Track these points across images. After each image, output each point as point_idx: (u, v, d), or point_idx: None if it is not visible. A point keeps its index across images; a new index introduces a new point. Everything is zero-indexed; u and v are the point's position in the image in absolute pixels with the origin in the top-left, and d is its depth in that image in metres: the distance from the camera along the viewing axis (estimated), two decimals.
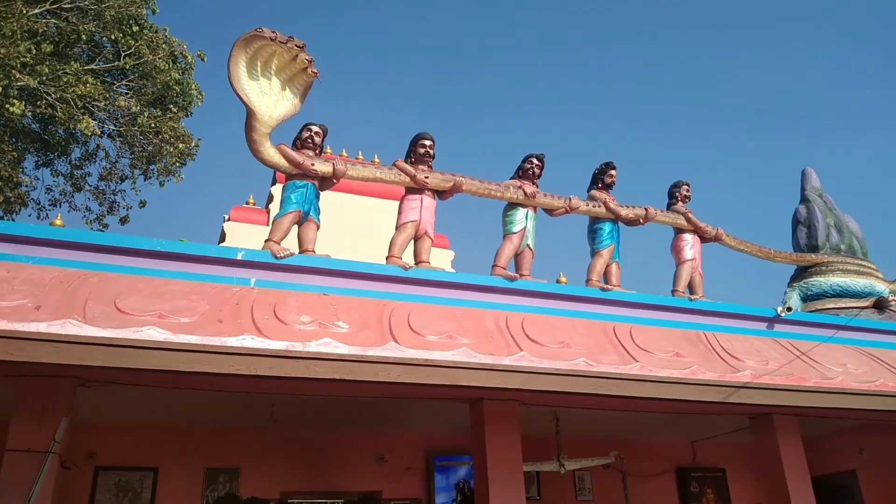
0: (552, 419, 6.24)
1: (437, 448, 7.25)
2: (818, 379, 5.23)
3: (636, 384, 4.62)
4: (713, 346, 5.38)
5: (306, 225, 5.17)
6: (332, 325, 4.16)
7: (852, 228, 7.94)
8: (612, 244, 6.23)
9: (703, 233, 6.66)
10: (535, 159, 6.10)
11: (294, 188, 5.18)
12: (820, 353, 5.67)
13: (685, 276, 6.40)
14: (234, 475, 6.58)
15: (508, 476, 4.96)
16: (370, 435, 7.05)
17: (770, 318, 6.22)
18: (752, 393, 4.90)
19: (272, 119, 5.00)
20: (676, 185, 6.76)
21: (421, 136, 5.69)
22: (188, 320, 3.89)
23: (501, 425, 5.08)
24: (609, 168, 6.41)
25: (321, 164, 5.27)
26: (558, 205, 6.09)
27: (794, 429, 5.99)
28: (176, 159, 12.68)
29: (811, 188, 8.32)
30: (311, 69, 5.13)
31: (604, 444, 7.48)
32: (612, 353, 4.88)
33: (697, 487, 8.17)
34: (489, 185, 5.84)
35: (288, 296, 4.44)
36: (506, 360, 4.38)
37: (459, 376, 4.19)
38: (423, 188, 5.57)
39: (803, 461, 5.90)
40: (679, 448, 8.30)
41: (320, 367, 3.88)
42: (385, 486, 6.97)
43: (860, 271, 7.45)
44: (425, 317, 4.59)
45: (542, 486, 7.52)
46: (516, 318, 5.05)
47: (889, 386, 5.45)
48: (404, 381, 4.09)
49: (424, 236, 5.52)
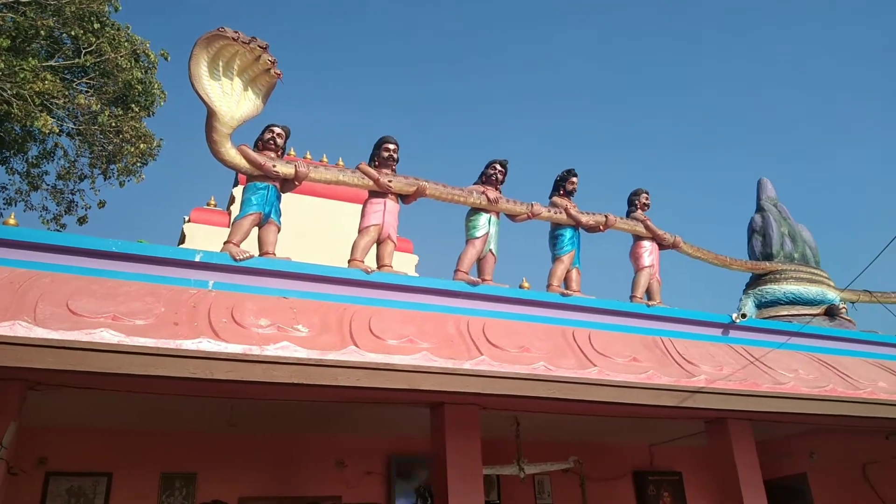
0: (512, 423, 6.28)
1: (397, 452, 7.23)
2: (771, 384, 5.35)
3: (594, 388, 4.67)
4: (669, 351, 5.47)
5: (267, 227, 5.12)
6: (292, 328, 4.13)
7: (805, 238, 8.16)
8: (572, 250, 6.31)
9: (662, 240, 6.78)
10: (499, 165, 6.15)
11: (255, 190, 5.13)
12: (773, 359, 5.80)
13: (643, 282, 6.51)
14: (191, 480, 6.47)
15: (468, 480, 4.97)
16: (330, 439, 7.00)
17: (725, 324, 6.36)
18: (707, 397, 4.99)
19: (233, 119, 4.95)
20: (636, 193, 6.88)
21: (385, 139, 5.69)
22: (143, 322, 3.83)
23: (462, 429, 5.09)
24: (570, 175, 6.50)
25: (283, 165, 5.24)
26: (521, 210, 6.14)
27: (748, 433, 6.11)
28: (137, 159, 12.47)
29: (766, 198, 8.53)
30: (275, 70, 5.09)
31: (563, 449, 7.54)
32: (571, 358, 4.93)
33: (654, 491, 8.29)
34: (452, 189, 5.87)
35: (246, 299, 4.39)
36: (466, 364, 4.39)
37: (419, 380, 4.19)
38: (386, 192, 5.57)
39: (756, 464, 6.02)
40: (637, 452, 8.41)
41: (278, 372, 3.84)
42: (345, 490, 6.93)
43: (812, 279, 7.65)
44: (386, 321, 4.58)
45: (502, 490, 7.55)
46: (478, 323, 5.07)
47: (838, 391, 5.60)
48: (364, 386, 4.07)
49: (387, 240, 5.51)
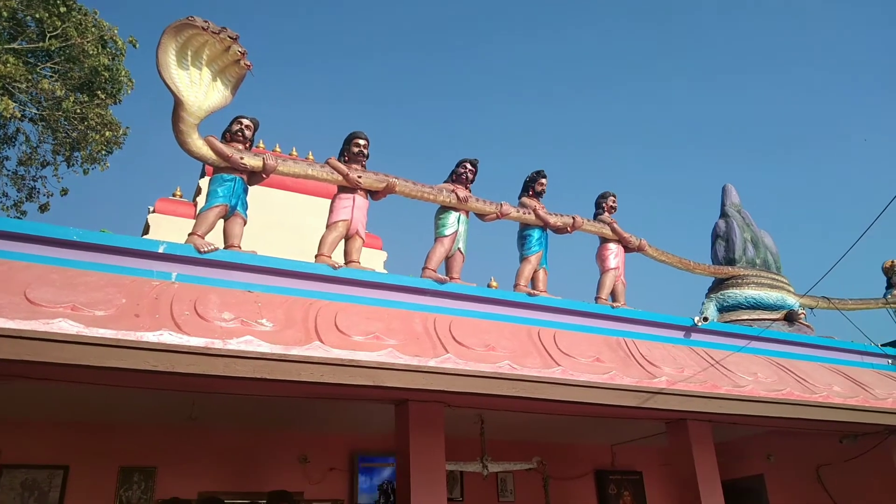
0: (477, 421, 6.31)
1: (361, 449, 7.22)
2: (730, 387, 5.45)
3: (557, 388, 4.70)
4: (632, 352, 5.54)
5: (232, 220, 5.06)
6: (255, 322, 4.08)
7: (767, 244, 8.32)
8: (540, 251, 6.35)
9: (627, 243, 6.86)
10: (469, 164, 6.16)
11: (221, 181, 5.07)
12: (733, 362, 5.91)
13: (608, 284, 6.58)
14: (151, 474, 6.38)
15: (431, 477, 4.98)
16: (293, 435, 6.96)
17: (687, 327, 6.46)
18: (668, 398, 5.06)
19: (201, 110, 4.88)
20: (603, 196, 6.96)
21: (355, 134, 5.66)
22: (103, 313, 3.75)
23: (426, 427, 5.09)
24: (540, 177, 6.55)
25: (251, 157, 5.18)
26: (490, 210, 6.16)
27: (707, 434, 6.22)
28: (102, 147, 12.23)
29: (730, 203, 8.68)
30: (244, 61, 5.03)
31: (527, 448, 7.61)
32: (536, 357, 4.96)
33: (615, 490, 8.40)
34: (422, 187, 5.86)
35: (210, 291, 4.33)
36: (431, 361, 4.39)
37: (384, 377, 4.18)
38: (355, 187, 5.54)
39: (715, 465, 6.14)
40: (599, 451, 8.51)
41: (241, 366, 3.80)
42: (307, 486, 6.89)
43: (773, 285, 7.81)
44: (352, 317, 4.56)
45: (465, 488, 7.58)
46: (444, 321, 5.07)
47: (795, 395, 5.73)
48: (328, 382, 4.04)
49: (355, 236, 5.49)
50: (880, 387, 6.49)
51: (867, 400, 6.09)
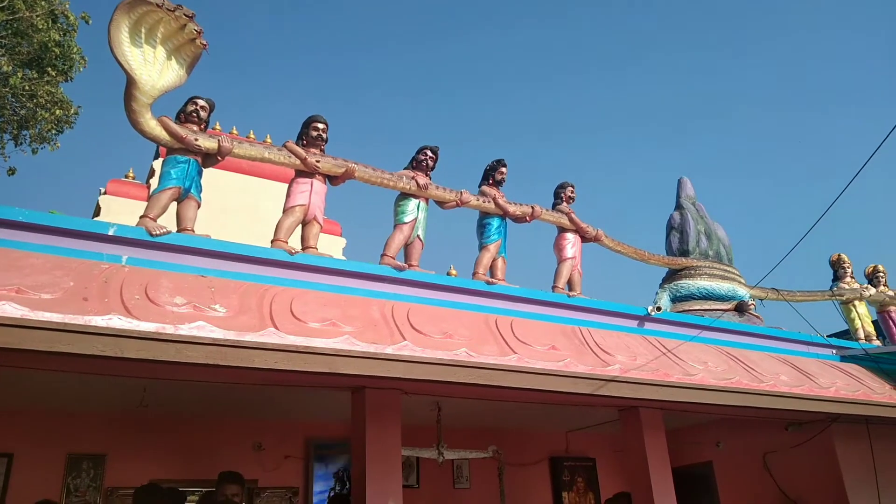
0: (434, 409, 6.32)
1: (317, 437, 7.18)
2: (681, 375, 5.56)
3: (513, 375, 4.74)
4: (587, 340, 5.61)
5: (186, 202, 4.95)
6: (208, 308, 4.00)
7: (720, 236, 8.50)
8: (499, 239, 6.37)
9: (585, 233, 6.94)
10: (430, 151, 6.13)
11: (175, 163, 4.95)
12: (684, 351, 6.03)
13: (565, 273, 6.65)
14: (100, 462, 6.24)
15: (387, 464, 4.98)
16: (248, 422, 6.88)
17: (641, 316, 6.57)
18: (620, 386, 5.14)
19: (154, 89, 4.75)
20: (562, 186, 7.01)
21: (314, 118, 5.58)
22: (49, 297, 3.64)
23: (382, 414, 5.08)
24: (500, 165, 6.56)
25: (205, 139, 5.07)
26: (449, 198, 6.16)
27: (659, 421, 6.35)
28: (52, 126, 11.85)
29: (685, 196, 8.83)
30: (200, 40, 4.91)
31: (484, 435, 7.66)
32: (493, 345, 4.98)
33: (569, 476, 8.53)
34: (382, 173, 5.82)
35: (162, 276, 4.24)
36: (388, 348, 4.38)
37: (340, 364, 4.15)
38: (313, 172, 5.47)
39: (665, 452, 6.27)
40: (554, 438, 8.62)
41: (192, 352, 3.72)
42: (262, 474, 6.83)
43: (725, 276, 7.98)
44: (308, 303, 4.51)
45: (420, 475, 7.60)
46: (402, 308, 5.06)
47: (744, 384, 5.87)
48: (283, 368, 3.99)
49: (313, 221, 5.42)
50: (824, 376, 6.71)
51: (812, 389, 6.28)
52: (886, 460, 7.20)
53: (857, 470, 7.07)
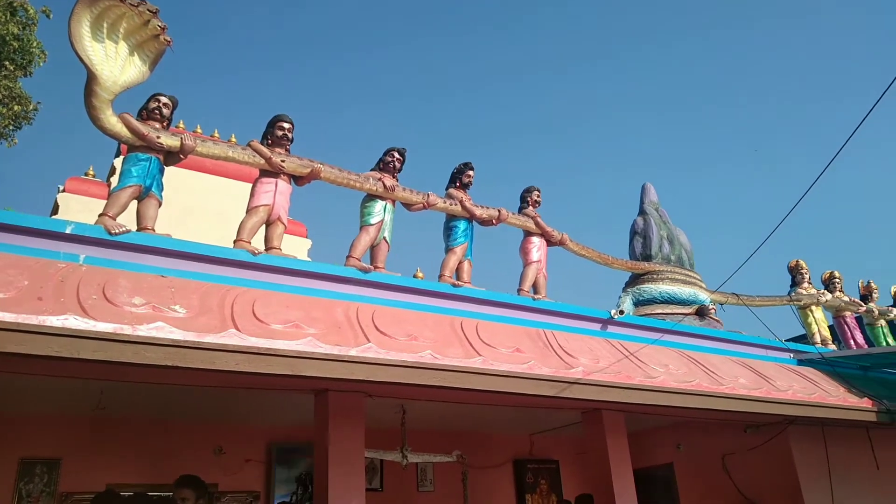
0: (399, 411, 6.30)
1: (279, 440, 7.10)
2: (643, 378, 5.63)
3: (477, 377, 4.74)
4: (551, 343, 5.64)
5: (147, 201, 4.85)
6: (168, 308, 3.93)
7: (682, 241, 8.63)
8: (465, 242, 6.38)
9: (550, 237, 6.99)
10: (397, 153, 6.12)
11: (136, 161, 4.85)
12: (646, 354, 6.11)
13: (531, 276, 6.69)
14: (55, 466, 6.08)
15: (350, 468, 4.94)
16: (208, 426, 6.77)
17: (604, 319, 6.64)
18: (583, 388, 5.18)
19: (116, 85, 4.65)
20: (528, 191, 7.06)
21: (279, 117, 5.53)
22: (3, 296, 3.53)
23: (346, 417, 5.05)
24: (467, 168, 6.58)
25: (168, 137, 4.98)
26: (416, 200, 6.15)
27: (621, 424, 6.42)
28: (9, 122, 11.52)
29: (649, 202, 8.95)
30: (164, 37, 4.83)
31: (448, 437, 7.66)
32: (458, 347, 4.98)
33: (532, 478, 8.57)
34: (348, 174, 5.79)
35: (120, 275, 4.14)
36: (352, 351, 4.34)
37: (302, 366, 4.10)
38: (278, 172, 5.41)
39: (627, 454, 6.34)
40: (518, 441, 8.66)
41: (151, 353, 3.65)
42: (222, 478, 6.72)
43: (686, 281, 8.11)
44: (271, 305, 4.46)
45: (384, 478, 7.57)
46: (367, 310, 5.03)
47: (704, 386, 5.97)
48: (244, 371, 3.93)
49: (277, 222, 5.37)
50: (782, 379, 6.85)
51: (770, 392, 6.41)
52: (840, 461, 7.39)
53: (812, 471, 7.24)
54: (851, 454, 7.56)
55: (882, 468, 7.69)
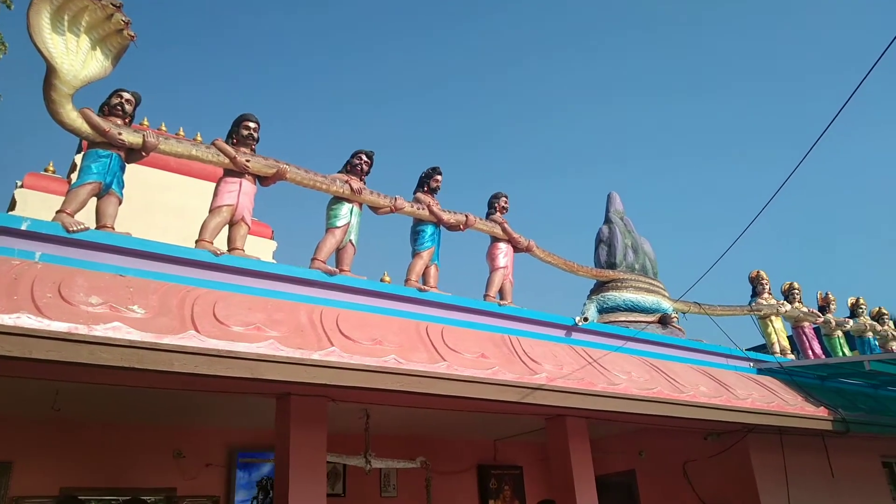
0: (363, 416, 6.25)
1: (240, 444, 6.99)
2: (605, 384, 5.67)
3: (441, 382, 4.73)
4: (516, 349, 5.65)
5: (106, 198, 4.75)
6: (126, 308, 3.84)
7: (646, 250, 8.74)
8: (432, 246, 6.37)
9: (517, 243, 7.01)
10: (365, 155, 6.09)
11: (96, 157, 4.74)
12: (609, 361, 6.15)
13: (497, 282, 6.70)
14: (6, 470, 5.91)
15: (311, 473, 4.89)
16: (168, 429, 6.65)
17: (569, 326, 6.67)
18: (547, 394, 5.20)
19: (76, 79, 4.55)
20: (496, 197, 7.08)
21: (245, 116, 5.46)
22: None
23: (308, 422, 4.99)
24: (435, 173, 6.57)
25: (130, 134, 4.88)
26: (384, 203, 6.12)
27: (584, 430, 6.46)
28: None
29: (614, 210, 9.05)
30: (128, 32, 4.74)
31: (412, 443, 7.63)
32: (423, 352, 4.96)
33: (496, 484, 8.57)
34: (315, 176, 5.73)
35: (77, 274, 4.04)
36: (315, 354, 4.30)
37: (264, 370, 4.05)
38: (243, 171, 5.34)
39: (589, 460, 6.38)
40: (482, 447, 8.66)
41: (107, 354, 3.56)
42: (181, 482, 6.61)
43: (650, 289, 8.20)
44: (233, 306, 4.39)
45: (347, 483, 7.51)
46: (331, 313, 4.99)
47: (665, 394, 6.03)
48: (203, 373, 3.86)
49: (241, 222, 5.29)
50: (742, 388, 6.96)
51: (730, 400, 6.51)
52: (797, 469, 7.52)
53: (770, 478, 7.36)
54: (808, 462, 7.71)
55: (837, 476, 7.85)
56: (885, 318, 11.08)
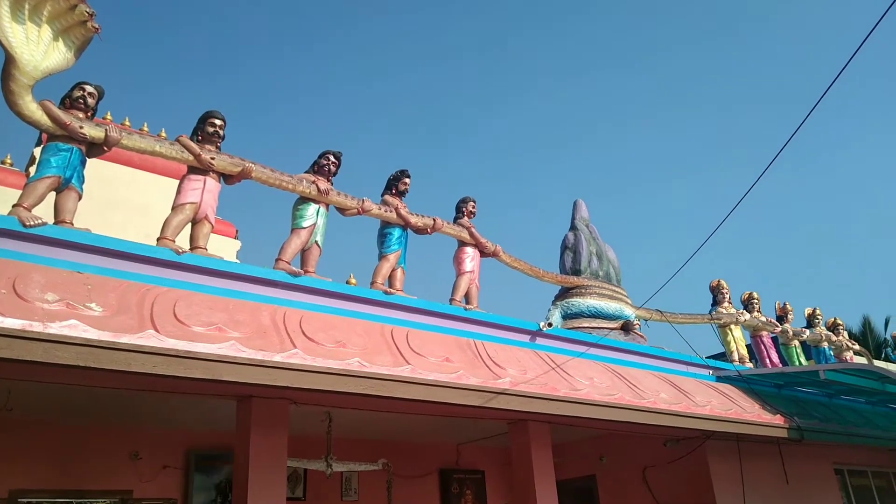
0: (325, 419, 6.19)
1: (199, 446, 6.87)
2: (568, 390, 5.71)
3: (405, 386, 4.71)
4: (480, 353, 5.66)
5: (66, 193, 4.64)
6: (83, 306, 3.75)
7: (610, 257, 8.84)
8: (399, 249, 6.35)
9: (483, 248, 7.03)
10: (332, 156, 6.05)
11: (56, 150, 4.63)
12: (572, 367, 6.20)
13: (463, 286, 6.71)
14: None
15: (271, 476, 4.83)
16: (125, 430, 6.50)
17: (533, 331, 6.72)
18: (510, 399, 5.22)
19: (37, 70, 4.44)
20: (464, 201, 7.09)
21: (211, 113, 5.38)
22: None
23: (269, 424, 4.93)
24: (404, 176, 6.56)
25: (92, 127, 4.78)
26: (351, 205, 6.08)
27: (546, 435, 6.49)
28: None
29: (580, 218, 9.13)
30: (92, 23, 4.64)
31: (375, 446, 7.59)
32: (387, 355, 4.94)
33: (458, 488, 8.57)
34: (281, 175, 5.68)
35: (33, 270, 3.93)
36: (277, 356, 4.25)
37: (224, 371, 3.99)
38: (207, 169, 5.26)
39: (551, 465, 6.42)
40: (444, 450, 8.65)
41: (63, 352, 3.47)
42: (137, 485, 6.47)
43: (613, 296, 8.30)
44: (193, 306, 4.31)
45: (307, 486, 7.43)
46: (295, 315, 4.94)
47: (626, 400, 6.10)
48: (162, 374, 3.78)
49: (204, 220, 5.21)
50: (701, 395, 7.07)
51: (689, 407, 6.61)
52: (753, 475, 7.67)
53: (727, 484, 7.49)
54: (764, 468, 7.87)
55: (791, 482, 8.03)
56: (839, 329, 11.39)
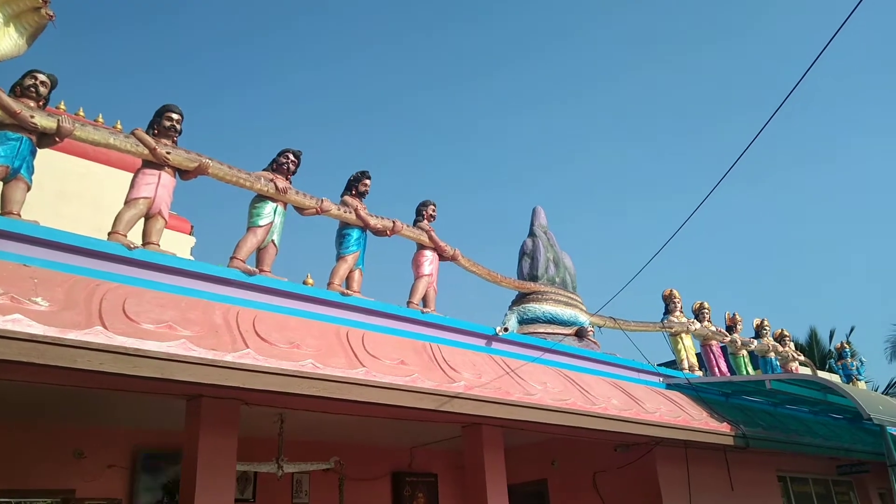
0: (277, 420, 6.13)
1: (146, 446, 6.72)
2: (522, 394, 5.76)
3: (358, 388, 4.69)
4: (436, 356, 5.68)
5: (14, 183, 4.50)
6: (28, 300, 3.65)
7: (567, 264, 8.95)
8: (357, 251, 6.33)
9: (442, 251, 7.05)
10: (292, 154, 6.00)
11: (4, 139, 4.48)
12: (527, 372, 6.26)
13: (421, 289, 6.71)
14: None
15: (219, 477, 4.76)
16: (68, 428, 6.32)
17: (489, 335, 6.76)
18: (464, 403, 5.24)
19: None
20: (424, 204, 7.10)
21: (168, 107, 5.29)
22: None
23: (218, 424, 4.86)
24: (364, 177, 6.53)
25: (43, 117, 4.65)
26: (309, 204, 6.04)
27: (499, 439, 6.53)
28: None
29: (538, 224, 9.23)
30: (46, 10, 4.54)
31: (327, 448, 7.52)
32: (342, 357, 4.92)
33: (410, 491, 8.56)
34: (238, 172, 5.61)
35: None
36: (228, 356, 4.19)
37: (173, 370, 3.92)
38: (162, 164, 5.17)
39: (503, 469, 6.46)
40: (398, 453, 8.63)
41: (5, 348, 3.37)
42: (80, 484, 6.30)
43: (568, 303, 8.40)
44: (144, 303, 4.23)
45: (258, 488, 7.34)
46: (248, 314, 4.88)
47: (578, 405, 6.18)
48: (109, 371, 3.70)
49: (157, 216, 5.11)
50: (651, 402, 7.21)
51: (639, 413, 6.73)
52: (700, 481, 7.84)
53: (674, 490, 7.64)
54: (710, 474, 8.05)
55: (736, 488, 8.23)
56: (786, 340, 11.74)
